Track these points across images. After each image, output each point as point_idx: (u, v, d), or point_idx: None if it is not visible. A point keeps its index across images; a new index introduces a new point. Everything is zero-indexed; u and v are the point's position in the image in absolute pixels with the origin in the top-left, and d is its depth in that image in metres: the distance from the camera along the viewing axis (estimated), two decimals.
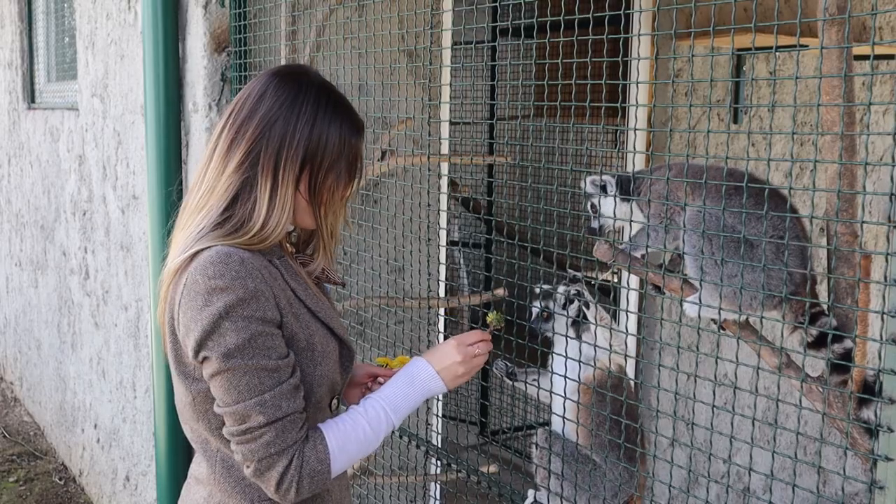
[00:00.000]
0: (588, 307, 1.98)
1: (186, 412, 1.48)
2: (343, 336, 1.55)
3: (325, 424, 1.45)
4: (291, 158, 1.43)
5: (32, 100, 5.18)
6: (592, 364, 1.86)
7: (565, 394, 1.82)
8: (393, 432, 2.50)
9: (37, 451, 4.97)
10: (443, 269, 2.87)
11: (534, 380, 2.06)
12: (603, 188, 1.78)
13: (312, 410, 1.47)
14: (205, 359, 1.37)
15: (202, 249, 1.39)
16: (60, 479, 4.61)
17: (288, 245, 1.59)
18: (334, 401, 1.57)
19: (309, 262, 1.60)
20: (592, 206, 1.82)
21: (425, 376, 1.55)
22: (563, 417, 1.86)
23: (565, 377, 1.82)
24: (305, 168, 1.45)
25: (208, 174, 1.46)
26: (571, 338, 1.91)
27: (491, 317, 1.73)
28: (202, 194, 1.46)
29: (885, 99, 4.24)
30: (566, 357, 1.83)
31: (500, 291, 2.29)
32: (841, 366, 1.42)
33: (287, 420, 1.37)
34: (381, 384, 1.66)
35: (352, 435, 1.45)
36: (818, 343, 1.48)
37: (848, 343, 1.42)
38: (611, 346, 1.81)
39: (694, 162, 1.66)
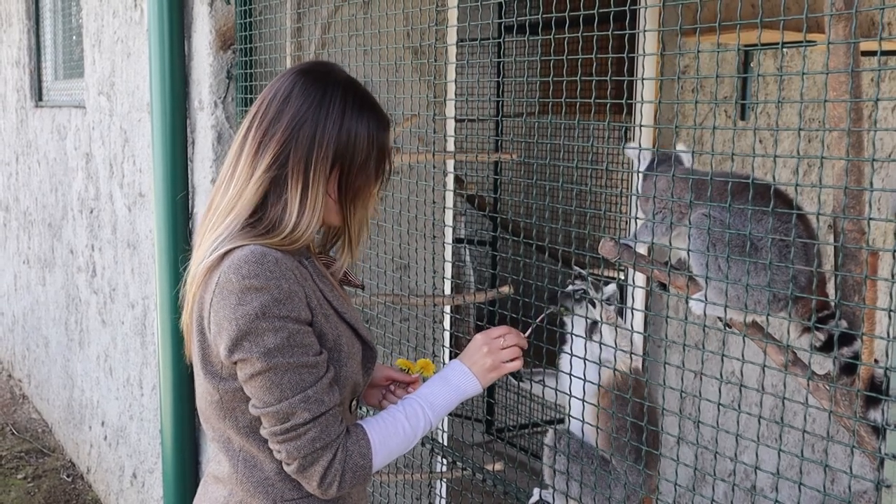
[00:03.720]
0: (594, 305, 1.97)
1: (210, 411, 1.47)
2: (367, 337, 1.55)
3: (365, 421, 1.47)
4: (322, 159, 1.42)
5: (40, 98, 5.20)
6: (608, 366, 1.84)
7: (584, 395, 1.81)
8: None
9: (45, 448, 4.99)
10: (448, 266, 2.87)
11: (540, 380, 2.05)
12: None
13: None
14: (241, 360, 1.36)
15: (234, 248, 1.38)
16: (68, 476, 4.63)
17: (312, 246, 1.57)
18: (354, 402, 1.57)
19: (332, 264, 1.60)
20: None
21: (458, 373, 1.58)
22: (583, 420, 1.85)
23: (584, 378, 1.81)
24: (335, 168, 1.44)
25: (238, 176, 1.44)
26: (580, 337, 1.90)
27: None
28: (231, 197, 1.44)
29: (893, 95, 4.21)
30: (584, 359, 1.82)
31: (505, 289, 2.29)
32: (849, 369, 1.41)
33: (329, 414, 1.38)
34: (400, 388, 1.70)
35: (391, 430, 1.47)
36: (827, 346, 1.47)
37: (857, 346, 1.41)
38: (619, 345, 1.80)
39: (698, 169, 1.65)
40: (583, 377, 1.81)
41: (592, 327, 1.99)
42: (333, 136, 1.42)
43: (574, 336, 1.97)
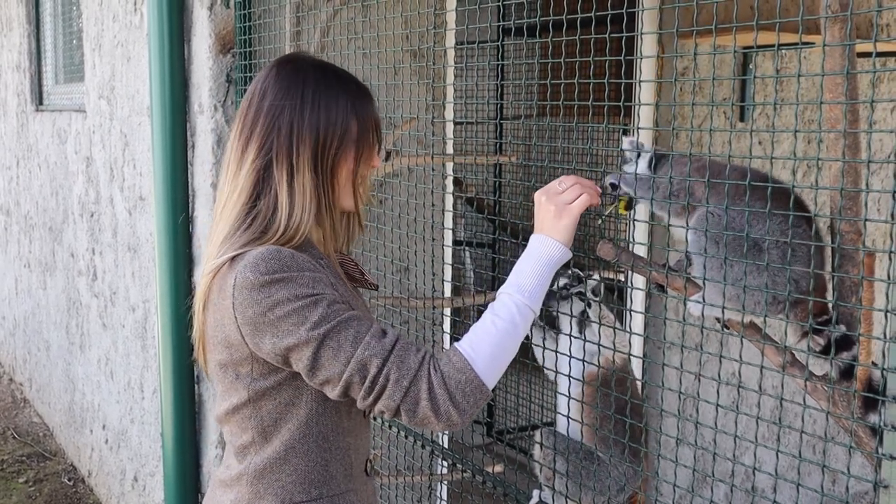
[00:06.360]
0: (590, 306, 1.98)
1: (233, 415, 1.47)
2: None
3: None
4: (304, 142, 1.44)
5: (40, 102, 5.21)
6: (595, 363, 1.85)
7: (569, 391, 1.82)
8: (399, 432, 2.51)
9: (46, 451, 4.99)
10: (448, 268, 2.87)
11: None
12: (638, 153, 1.72)
13: (347, 405, 1.48)
14: (293, 347, 1.34)
15: (243, 252, 1.39)
16: (69, 480, 4.63)
17: (326, 244, 1.57)
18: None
19: (347, 261, 1.61)
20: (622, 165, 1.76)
21: (532, 244, 1.49)
22: (568, 417, 1.86)
23: (570, 376, 1.82)
24: (321, 147, 1.45)
25: (230, 178, 1.47)
26: (576, 336, 1.91)
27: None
28: (227, 197, 1.47)
29: (892, 96, 4.22)
30: (570, 356, 1.83)
31: None
32: (849, 374, 1.42)
33: (397, 349, 1.34)
34: None
35: (481, 330, 1.38)
36: (826, 351, 1.47)
37: (856, 350, 1.42)
38: (614, 344, 1.81)
39: (710, 160, 1.64)
40: (572, 371, 1.82)
41: (582, 324, 2.01)
42: (313, 117, 1.44)
43: (562, 333, 1.98)
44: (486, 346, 1.36)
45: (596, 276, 2.06)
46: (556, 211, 1.49)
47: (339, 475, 1.49)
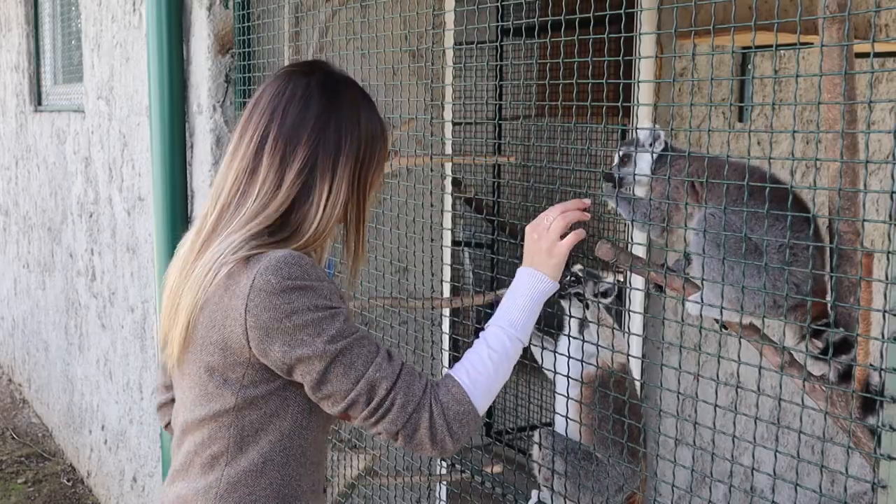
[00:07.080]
0: (588, 307, 1.98)
1: (209, 422, 1.41)
2: None
3: (453, 368, 1.45)
4: (348, 156, 1.44)
5: (39, 102, 5.21)
6: (593, 363, 1.86)
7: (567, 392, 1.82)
8: None
9: (45, 452, 4.99)
10: (447, 269, 2.87)
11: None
12: (652, 142, 1.71)
13: (326, 421, 1.47)
14: (303, 359, 1.32)
15: (258, 254, 1.35)
16: (68, 481, 4.63)
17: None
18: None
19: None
20: (626, 156, 1.75)
21: (522, 278, 1.54)
22: (567, 417, 1.86)
23: (568, 376, 1.82)
24: (360, 161, 1.46)
25: (263, 182, 1.40)
26: (574, 337, 1.91)
27: None
28: (259, 203, 1.39)
29: (890, 97, 4.22)
30: (568, 356, 1.83)
31: (503, 292, 2.28)
32: (848, 377, 1.41)
33: (404, 373, 1.37)
34: None
35: (478, 364, 1.43)
36: (825, 354, 1.47)
37: (854, 353, 1.41)
38: (612, 345, 1.81)
39: (717, 158, 1.62)
40: (569, 370, 1.82)
41: (581, 325, 2.01)
42: (356, 132, 1.45)
43: (561, 334, 1.99)
44: (483, 379, 1.42)
45: (609, 279, 2.06)
46: (547, 249, 1.54)
47: (307, 491, 1.46)
